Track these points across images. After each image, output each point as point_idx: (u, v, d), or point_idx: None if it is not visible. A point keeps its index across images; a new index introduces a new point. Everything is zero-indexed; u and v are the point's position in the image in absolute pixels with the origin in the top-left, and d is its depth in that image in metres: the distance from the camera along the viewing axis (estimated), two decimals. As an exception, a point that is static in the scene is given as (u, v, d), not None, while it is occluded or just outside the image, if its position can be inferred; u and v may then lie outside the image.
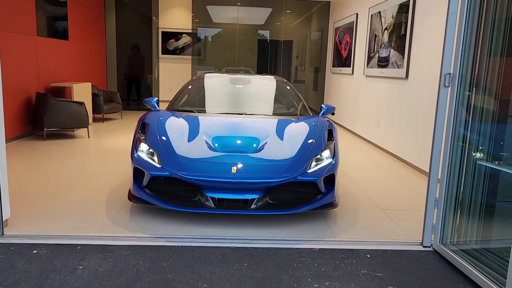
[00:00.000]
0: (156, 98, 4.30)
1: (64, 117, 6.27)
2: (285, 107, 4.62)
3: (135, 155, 3.37)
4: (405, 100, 5.67)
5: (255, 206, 3.17)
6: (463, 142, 2.82)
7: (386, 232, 3.30)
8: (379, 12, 6.64)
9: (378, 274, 2.64)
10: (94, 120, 8.40)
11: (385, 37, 6.37)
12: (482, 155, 2.73)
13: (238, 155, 3.32)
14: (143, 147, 3.40)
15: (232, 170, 3.15)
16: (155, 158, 3.29)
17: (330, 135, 3.69)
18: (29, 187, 4.06)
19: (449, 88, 2.83)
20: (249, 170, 3.18)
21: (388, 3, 6.29)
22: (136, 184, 3.32)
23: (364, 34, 7.41)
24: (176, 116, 3.95)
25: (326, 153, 3.42)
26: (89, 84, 7.70)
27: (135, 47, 10.43)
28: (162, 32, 11.64)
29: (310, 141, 3.52)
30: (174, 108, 4.38)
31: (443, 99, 2.86)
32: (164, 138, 3.48)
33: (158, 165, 3.22)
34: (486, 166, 2.70)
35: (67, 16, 7.69)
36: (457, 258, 2.72)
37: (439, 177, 2.94)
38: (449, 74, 2.81)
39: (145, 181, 3.26)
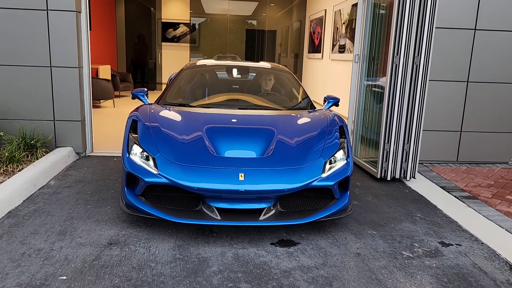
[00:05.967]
0: (146, 89, 3.98)
1: (96, 91, 8.10)
2: (287, 99, 4.34)
3: (128, 158, 2.99)
4: (356, 77, 7.64)
5: (265, 216, 2.85)
6: (365, 98, 4.79)
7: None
8: (340, 9, 8.56)
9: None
10: (112, 96, 10.22)
11: (343, 30, 8.31)
12: (375, 106, 4.69)
13: (245, 158, 2.97)
14: (136, 149, 3.02)
15: (240, 177, 2.80)
16: (151, 162, 2.92)
17: (341, 132, 3.38)
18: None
19: (358, 63, 4.79)
20: (258, 176, 2.84)
21: (345, 3, 8.21)
22: (129, 192, 2.97)
23: (330, 27, 9.33)
24: (171, 112, 3.60)
25: (339, 154, 3.13)
26: (109, 66, 9.50)
27: (140, 36, 12.24)
28: (162, 23, 13.38)
29: (322, 140, 3.20)
30: (167, 101, 3.97)
31: (354, 71, 4.83)
32: (159, 139, 3.08)
33: (155, 171, 2.85)
34: (377, 113, 4.66)
35: (90, 8, 9.45)
36: (362, 161, 4.72)
37: (353, 119, 4.93)
38: (357, 54, 4.77)
39: (140, 189, 2.89)
